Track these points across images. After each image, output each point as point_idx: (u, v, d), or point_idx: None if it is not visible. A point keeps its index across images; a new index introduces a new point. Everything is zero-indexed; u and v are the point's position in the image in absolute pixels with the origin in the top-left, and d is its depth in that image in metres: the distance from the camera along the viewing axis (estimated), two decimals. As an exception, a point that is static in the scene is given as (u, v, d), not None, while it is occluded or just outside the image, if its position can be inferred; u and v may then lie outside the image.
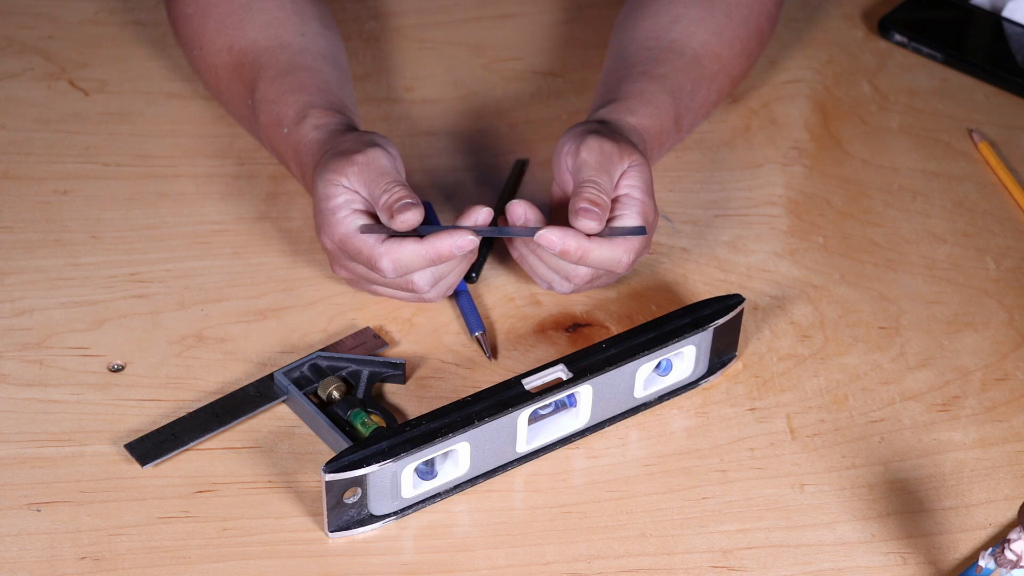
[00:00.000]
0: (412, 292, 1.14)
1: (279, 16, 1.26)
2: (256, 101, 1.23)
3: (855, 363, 1.17)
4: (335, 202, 1.13)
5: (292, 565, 1.03)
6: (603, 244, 1.12)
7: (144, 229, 1.25)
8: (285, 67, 1.23)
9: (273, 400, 1.11)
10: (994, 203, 1.30)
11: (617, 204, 1.15)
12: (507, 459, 1.08)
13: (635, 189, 1.15)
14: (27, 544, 1.03)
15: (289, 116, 1.20)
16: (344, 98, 1.23)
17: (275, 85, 1.23)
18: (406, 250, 1.11)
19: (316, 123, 1.19)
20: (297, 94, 1.21)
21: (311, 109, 1.20)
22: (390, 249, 1.11)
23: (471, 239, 1.11)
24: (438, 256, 1.11)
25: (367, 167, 1.13)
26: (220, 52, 1.26)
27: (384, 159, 1.14)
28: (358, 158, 1.13)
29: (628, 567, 1.03)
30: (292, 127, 1.20)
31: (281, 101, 1.21)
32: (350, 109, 1.23)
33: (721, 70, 1.29)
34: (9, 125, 1.33)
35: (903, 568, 1.04)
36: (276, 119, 1.21)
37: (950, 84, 1.42)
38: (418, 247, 1.11)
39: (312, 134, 1.18)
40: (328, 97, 1.22)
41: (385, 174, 1.13)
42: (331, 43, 1.28)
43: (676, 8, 1.29)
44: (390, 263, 1.11)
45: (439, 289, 1.15)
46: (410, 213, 1.10)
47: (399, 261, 1.11)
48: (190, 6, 1.29)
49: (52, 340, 1.16)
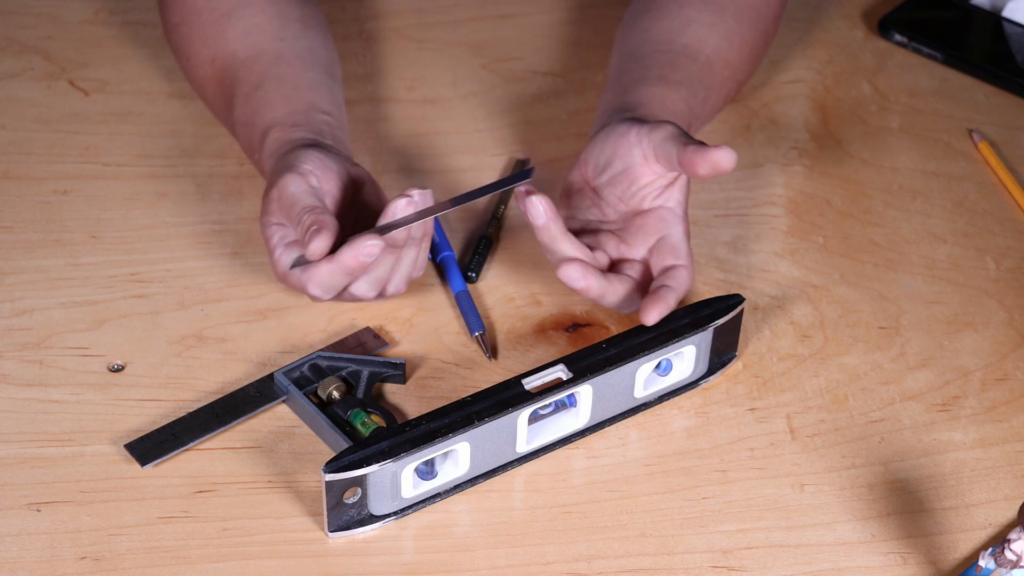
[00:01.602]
0: (365, 300, 1.14)
1: (259, 22, 1.26)
2: (234, 123, 1.23)
3: (855, 363, 1.17)
4: (270, 243, 1.12)
5: (292, 565, 1.03)
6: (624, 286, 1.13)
7: (144, 229, 1.25)
8: (256, 81, 1.22)
9: (273, 400, 1.11)
10: (994, 203, 1.30)
11: (655, 214, 1.15)
12: (507, 459, 1.08)
13: (679, 205, 1.15)
14: (27, 544, 1.03)
15: (256, 140, 1.20)
16: (315, 101, 1.21)
17: (247, 105, 1.22)
18: (322, 271, 1.09)
19: (271, 149, 1.18)
20: (262, 113, 1.20)
21: (271, 130, 1.18)
22: (310, 275, 1.10)
23: (372, 245, 1.08)
24: (349, 269, 1.09)
25: (280, 200, 1.11)
26: (204, 64, 1.26)
27: (292, 185, 1.11)
28: (272, 193, 1.12)
29: (628, 567, 1.03)
30: (259, 152, 1.20)
31: (250, 124, 1.21)
32: (320, 109, 1.21)
33: (731, 75, 1.28)
34: (9, 125, 1.33)
35: (903, 568, 1.04)
36: (249, 143, 1.21)
37: (950, 84, 1.42)
38: (329, 265, 1.09)
39: (268, 162, 1.18)
40: (292, 107, 1.20)
41: (295, 203, 1.10)
42: (311, 43, 1.27)
43: (687, 11, 1.28)
44: (316, 287, 1.10)
45: (394, 285, 1.14)
46: (316, 241, 1.08)
47: (323, 284, 1.10)
48: (176, 15, 1.28)
49: (52, 340, 1.16)
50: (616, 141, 1.15)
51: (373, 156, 1.31)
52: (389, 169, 1.30)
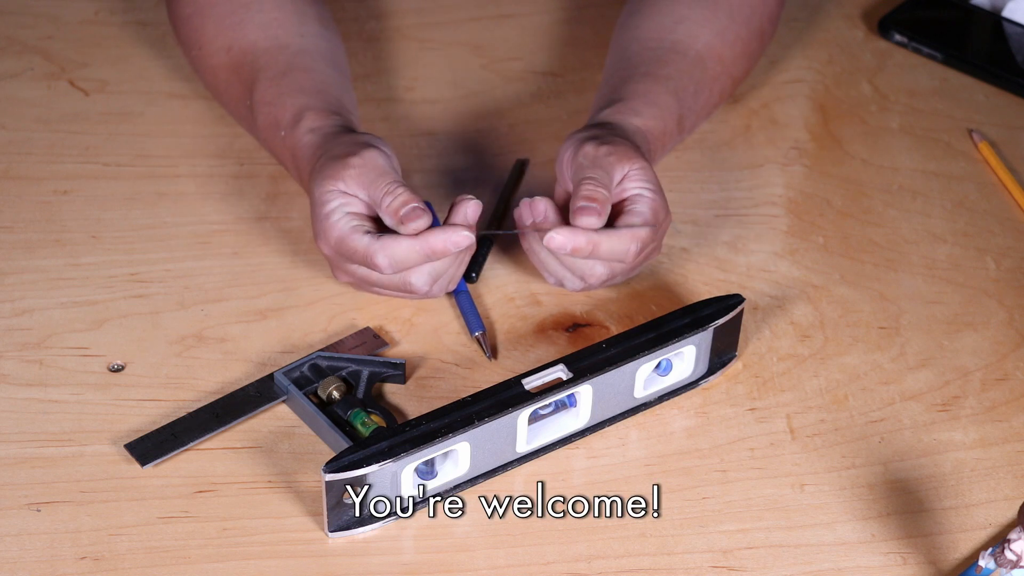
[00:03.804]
0: (411, 293, 1.14)
1: (278, 17, 1.26)
2: (254, 103, 1.23)
3: (855, 363, 1.17)
4: (329, 207, 1.13)
5: (292, 565, 1.03)
6: (611, 235, 1.12)
7: (144, 229, 1.25)
8: (283, 68, 1.23)
9: (273, 400, 1.11)
10: (994, 203, 1.30)
11: (627, 203, 1.14)
12: (507, 459, 1.08)
13: (645, 189, 1.15)
14: (27, 544, 1.03)
15: (286, 119, 1.20)
16: (342, 99, 1.23)
17: (272, 87, 1.22)
18: (401, 246, 1.11)
19: (311, 126, 1.19)
20: (294, 96, 1.21)
21: (307, 111, 1.20)
22: (385, 245, 1.11)
23: (466, 235, 1.11)
24: (432, 252, 1.11)
25: (364, 169, 1.13)
26: (219, 52, 1.26)
27: (381, 160, 1.14)
28: (354, 161, 1.13)
29: (628, 567, 1.03)
30: (288, 130, 1.20)
31: (278, 103, 1.21)
32: (348, 110, 1.23)
33: (724, 71, 1.29)
34: (9, 125, 1.33)
35: (903, 568, 1.04)
36: (273, 121, 1.21)
37: (950, 84, 1.42)
38: (413, 243, 1.11)
39: (307, 137, 1.18)
40: (325, 99, 1.22)
41: (383, 175, 1.13)
42: (330, 44, 1.28)
43: (679, 9, 1.29)
44: (386, 259, 1.11)
45: (439, 286, 1.15)
46: (420, 221, 1.11)
47: (394, 257, 1.11)
48: (189, 6, 1.29)
49: (52, 340, 1.16)
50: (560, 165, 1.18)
51: (373, 156, 1.31)
52: (389, 169, 1.30)
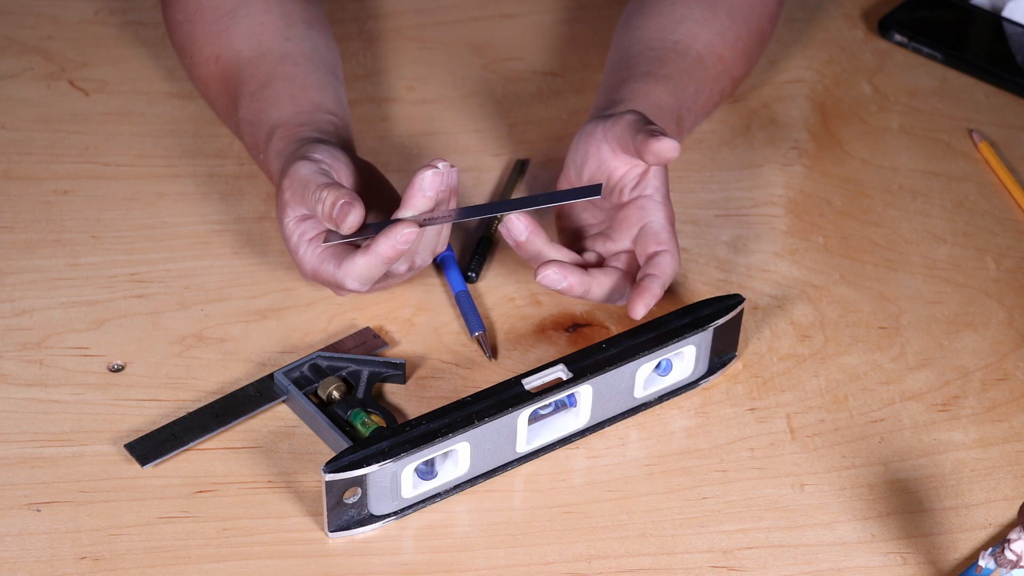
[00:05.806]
0: (402, 275, 1.14)
1: (264, 21, 1.26)
2: (239, 120, 1.23)
3: (855, 363, 1.17)
4: (292, 241, 1.12)
5: (292, 565, 1.03)
6: (612, 280, 1.12)
7: (144, 229, 1.25)
8: (264, 80, 1.23)
9: (273, 400, 1.11)
10: (994, 203, 1.30)
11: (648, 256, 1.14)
12: (507, 459, 1.08)
13: (657, 191, 1.15)
14: (27, 544, 1.03)
15: (261, 140, 1.20)
16: (322, 101, 1.22)
17: (253, 103, 1.22)
18: (359, 265, 1.10)
19: (277, 148, 1.18)
20: (269, 112, 1.20)
21: (277, 130, 1.19)
22: (347, 269, 1.10)
23: (408, 232, 1.08)
24: (388, 258, 1.09)
25: (293, 189, 1.11)
26: (208, 62, 1.26)
27: (304, 170, 1.11)
28: (285, 183, 1.12)
29: (628, 567, 1.03)
30: (264, 152, 1.20)
31: (256, 122, 1.21)
32: (326, 109, 1.21)
33: (724, 71, 1.29)
34: (9, 125, 1.33)
35: (903, 568, 1.04)
36: (254, 142, 1.21)
37: (950, 84, 1.42)
38: (368, 258, 1.09)
39: (275, 163, 1.18)
40: (298, 106, 1.20)
41: (307, 185, 1.10)
42: (315, 44, 1.27)
43: (680, 9, 1.29)
44: (354, 281, 1.11)
45: (422, 258, 1.13)
46: (351, 215, 1.08)
47: (360, 276, 1.10)
48: (180, 12, 1.29)
49: (52, 340, 1.16)
50: (586, 141, 1.17)
51: (373, 156, 1.31)
52: (389, 169, 1.30)
